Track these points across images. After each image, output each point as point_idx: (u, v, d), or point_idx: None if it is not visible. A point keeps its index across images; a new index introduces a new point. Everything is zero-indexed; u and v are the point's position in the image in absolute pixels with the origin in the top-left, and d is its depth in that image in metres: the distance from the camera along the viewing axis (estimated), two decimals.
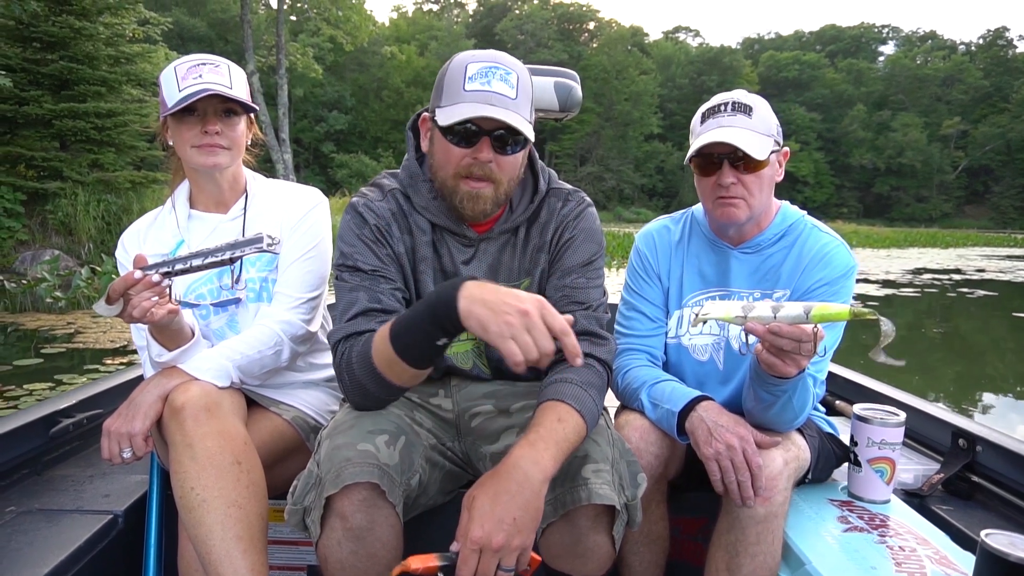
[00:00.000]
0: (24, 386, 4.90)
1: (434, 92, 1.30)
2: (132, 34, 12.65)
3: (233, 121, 1.56)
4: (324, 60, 35.13)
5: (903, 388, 2.13)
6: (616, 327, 1.66)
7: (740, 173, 1.45)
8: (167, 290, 1.34)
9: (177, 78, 1.50)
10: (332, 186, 30.31)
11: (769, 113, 1.49)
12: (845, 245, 1.54)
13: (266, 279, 1.60)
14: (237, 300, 1.60)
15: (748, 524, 1.32)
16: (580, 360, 1.04)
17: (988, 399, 5.93)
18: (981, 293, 13.41)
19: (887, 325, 1.14)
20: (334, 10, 28.09)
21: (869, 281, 14.37)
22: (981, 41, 76.22)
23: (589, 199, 1.46)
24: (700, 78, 62.33)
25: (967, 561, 1.26)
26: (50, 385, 4.97)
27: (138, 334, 1.56)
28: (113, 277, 1.33)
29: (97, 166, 11.39)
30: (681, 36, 79.84)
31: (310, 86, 38.44)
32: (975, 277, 16.67)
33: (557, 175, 1.49)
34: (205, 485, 1.28)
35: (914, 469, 1.73)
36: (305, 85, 37.58)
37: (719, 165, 1.46)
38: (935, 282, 15.02)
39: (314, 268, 1.61)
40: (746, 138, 1.42)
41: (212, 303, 1.59)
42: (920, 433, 1.92)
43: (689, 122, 1.57)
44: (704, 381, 1.57)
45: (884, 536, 1.36)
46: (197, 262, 1.31)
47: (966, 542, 1.37)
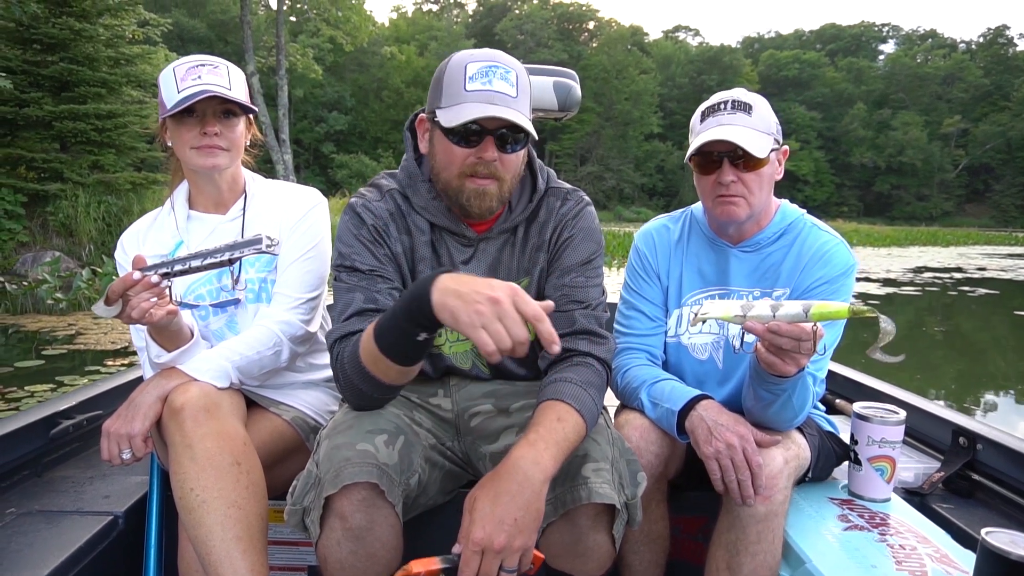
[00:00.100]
0: (25, 388, 4.90)
1: (431, 93, 1.29)
2: (132, 35, 12.64)
3: (232, 122, 1.56)
4: (324, 61, 35.13)
5: (904, 386, 2.12)
6: (615, 326, 1.66)
7: (740, 171, 1.45)
8: (166, 291, 1.34)
9: (176, 79, 1.50)
10: (332, 186, 30.31)
11: (769, 111, 1.49)
12: (844, 243, 1.54)
13: (265, 280, 1.60)
14: (236, 301, 1.59)
15: (748, 523, 1.32)
16: (557, 347, 0.99)
17: (989, 398, 5.93)
18: (982, 291, 13.40)
19: (887, 323, 1.13)
20: (334, 10, 28.07)
21: (870, 280, 14.36)
22: (981, 39, 76.28)
23: (588, 198, 1.46)
24: (700, 77, 62.29)
25: (968, 559, 1.26)
26: (51, 387, 4.97)
27: (137, 335, 1.56)
28: (114, 278, 1.33)
29: (97, 167, 11.38)
30: (681, 35, 79.88)
31: (310, 87, 38.44)
32: (976, 275, 16.66)
33: (557, 175, 1.49)
34: (205, 486, 1.28)
35: (914, 467, 1.73)
36: (305, 86, 37.58)
37: (719, 163, 1.46)
38: (936, 281, 15.01)
39: (313, 268, 1.61)
40: (746, 136, 1.42)
41: (211, 304, 1.59)
42: (920, 431, 1.92)
43: (689, 121, 1.57)
44: (703, 380, 1.57)
45: (884, 534, 1.36)
46: (196, 263, 1.31)
47: (967, 540, 1.37)
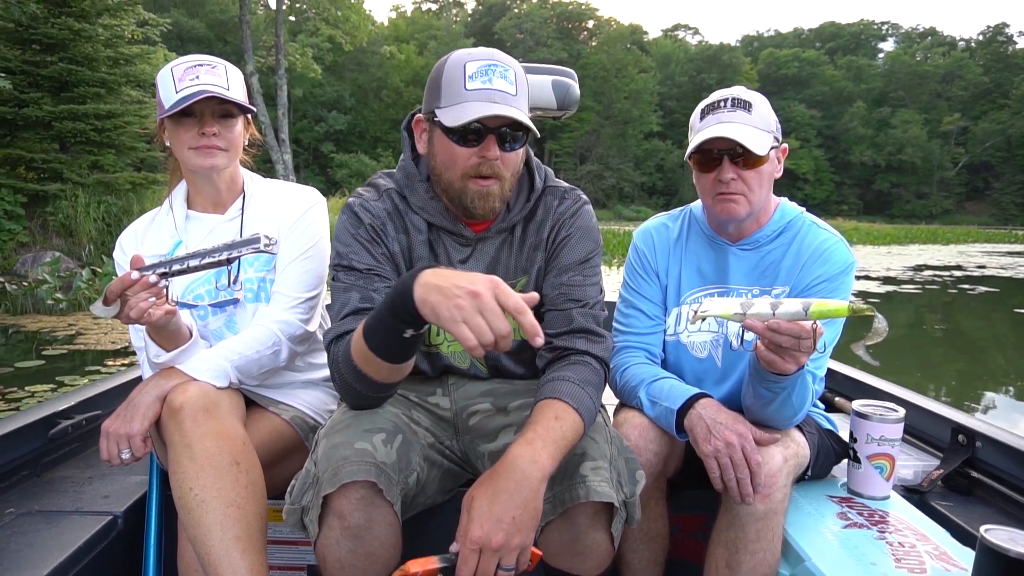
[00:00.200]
0: (26, 388, 4.90)
1: (429, 93, 1.28)
2: (131, 35, 12.63)
3: (230, 122, 1.56)
4: (323, 60, 35.10)
5: (903, 384, 2.12)
6: (615, 325, 1.66)
7: (740, 169, 1.45)
8: (164, 291, 1.34)
9: (174, 79, 1.50)
10: (332, 186, 30.29)
11: (768, 109, 1.49)
12: (844, 241, 1.54)
13: (264, 279, 1.60)
14: (235, 300, 1.59)
15: (748, 521, 1.32)
16: (540, 340, 0.96)
17: (990, 396, 5.92)
18: (982, 289, 13.40)
19: (881, 323, 1.13)
20: (333, 10, 28.05)
21: (870, 278, 14.36)
22: (981, 37, 76.26)
23: (585, 197, 1.46)
24: (699, 76, 62.27)
25: (967, 557, 1.26)
26: (51, 387, 4.96)
27: (136, 335, 1.56)
28: (113, 278, 1.33)
29: (97, 167, 11.38)
30: (680, 34, 79.92)
31: (309, 86, 38.41)
32: (976, 273, 16.66)
33: (557, 174, 1.49)
34: (204, 485, 1.28)
35: (914, 465, 1.73)
36: (304, 85, 37.56)
37: (719, 161, 1.46)
38: (936, 279, 15.01)
39: (312, 268, 1.61)
40: (746, 134, 1.42)
41: (210, 304, 1.59)
42: (919, 429, 1.92)
43: (688, 120, 1.57)
44: (702, 378, 1.57)
45: (884, 532, 1.36)
46: (194, 263, 1.31)
47: (966, 538, 1.37)
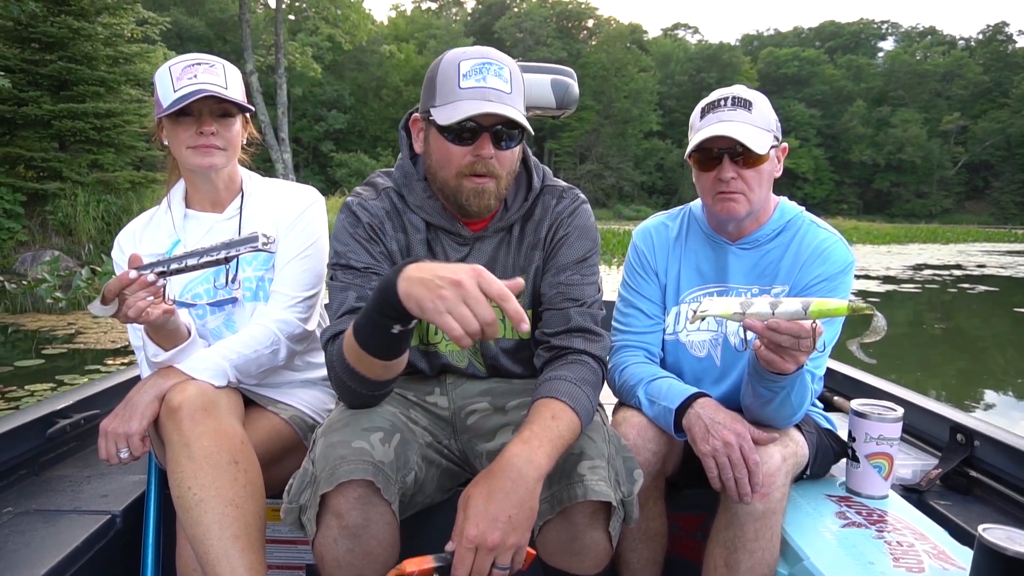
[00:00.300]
0: (25, 387, 4.89)
1: (425, 92, 1.29)
2: (130, 34, 12.65)
3: (229, 122, 1.56)
4: (323, 59, 35.07)
5: (902, 384, 2.12)
6: (614, 324, 1.65)
7: (740, 168, 1.45)
8: (162, 290, 1.34)
9: (172, 78, 1.50)
10: (331, 185, 30.31)
11: (768, 108, 1.49)
12: (843, 241, 1.54)
13: (262, 278, 1.60)
14: (234, 299, 1.59)
15: (746, 520, 1.32)
16: (525, 326, 0.95)
17: (990, 395, 5.92)
18: (982, 289, 13.40)
19: (880, 321, 1.13)
20: (332, 9, 28.06)
21: (870, 277, 14.36)
22: (980, 36, 76.18)
23: (583, 196, 1.46)
24: (699, 75, 62.24)
25: (965, 556, 1.26)
26: (51, 386, 4.96)
27: (134, 334, 1.56)
28: (112, 277, 1.33)
29: (96, 166, 11.38)
30: (680, 33, 79.91)
31: (309, 85, 38.37)
32: (976, 273, 16.66)
33: (556, 173, 1.49)
34: (202, 484, 1.28)
35: (912, 464, 1.73)
36: (304, 84, 37.53)
37: (719, 160, 1.46)
38: (936, 278, 15.01)
39: (310, 267, 1.61)
40: (746, 132, 1.42)
41: (209, 303, 1.59)
42: (918, 428, 1.92)
43: (688, 119, 1.57)
44: (701, 377, 1.57)
45: (882, 531, 1.36)
46: (192, 261, 1.30)
47: (964, 537, 1.37)
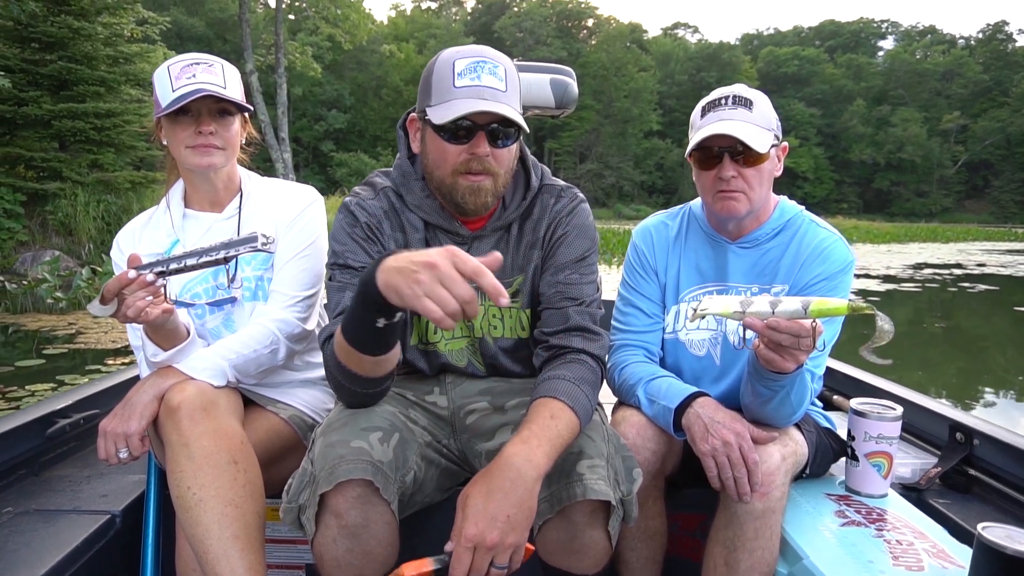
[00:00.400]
0: (26, 387, 4.89)
1: (421, 91, 1.29)
2: (130, 34, 12.65)
3: (227, 121, 1.56)
4: (323, 59, 35.05)
5: (902, 383, 2.12)
6: (613, 323, 1.65)
7: (740, 166, 1.45)
8: (162, 289, 1.34)
9: (171, 78, 1.50)
10: (331, 185, 30.32)
11: (769, 107, 1.49)
12: (843, 240, 1.54)
13: (262, 278, 1.60)
14: (233, 299, 1.59)
15: (746, 519, 1.32)
16: (505, 300, 0.94)
17: (990, 395, 5.91)
18: (982, 288, 13.39)
19: (886, 323, 1.12)
20: (332, 8, 28.06)
21: (870, 276, 14.36)
22: (980, 35, 76.17)
23: (582, 195, 1.46)
24: (699, 74, 62.22)
25: (964, 554, 1.26)
26: (52, 386, 4.96)
27: (134, 334, 1.55)
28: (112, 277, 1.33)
29: (96, 166, 11.39)
30: (680, 32, 79.95)
31: (309, 85, 38.36)
32: (976, 272, 16.65)
33: (556, 172, 1.48)
34: (202, 484, 1.28)
35: (911, 463, 1.73)
36: (304, 84, 37.52)
37: (719, 158, 1.46)
38: (936, 277, 15.01)
39: (309, 266, 1.61)
40: (747, 131, 1.42)
41: (208, 302, 1.59)
42: (917, 427, 1.92)
43: (688, 118, 1.57)
44: (701, 376, 1.57)
45: (881, 530, 1.36)
46: (191, 261, 1.31)
47: (963, 535, 1.37)
